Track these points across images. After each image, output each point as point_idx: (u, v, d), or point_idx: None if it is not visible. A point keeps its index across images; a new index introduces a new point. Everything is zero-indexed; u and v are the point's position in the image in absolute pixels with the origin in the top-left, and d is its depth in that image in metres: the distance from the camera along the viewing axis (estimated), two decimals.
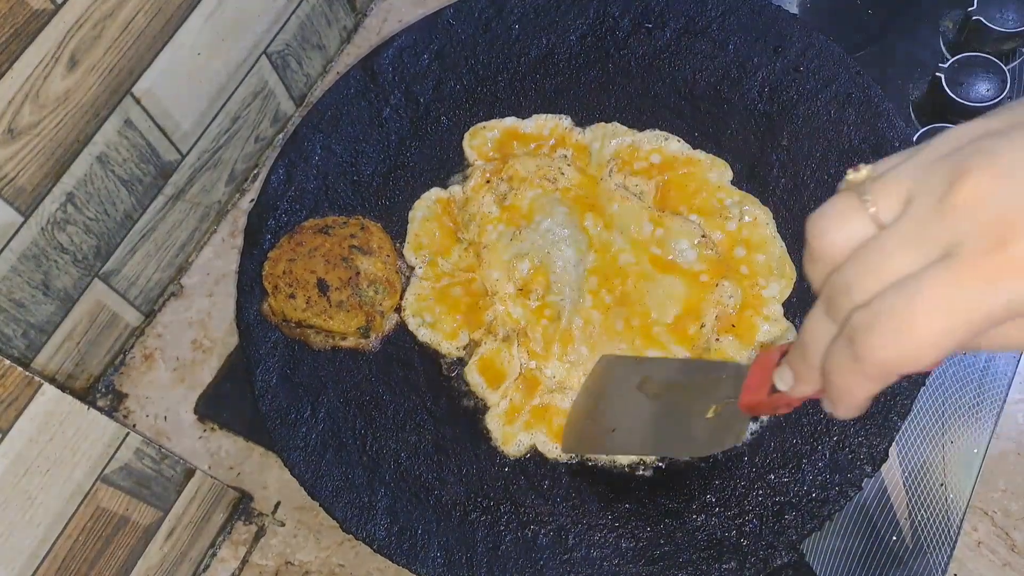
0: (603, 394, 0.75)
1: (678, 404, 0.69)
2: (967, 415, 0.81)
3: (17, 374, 0.60)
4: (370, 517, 0.76)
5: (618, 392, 0.74)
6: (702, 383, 0.67)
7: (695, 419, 0.64)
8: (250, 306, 0.86)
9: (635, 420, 0.71)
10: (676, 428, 0.68)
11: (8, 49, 0.70)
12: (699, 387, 0.67)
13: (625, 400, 0.73)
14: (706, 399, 0.63)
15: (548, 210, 0.86)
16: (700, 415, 0.63)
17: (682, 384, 0.70)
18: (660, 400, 0.70)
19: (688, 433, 0.66)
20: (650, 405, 0.70)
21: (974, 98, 0.91)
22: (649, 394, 0.71)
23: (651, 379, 0.71)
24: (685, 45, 0.93)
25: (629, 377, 0.73)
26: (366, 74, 0.96)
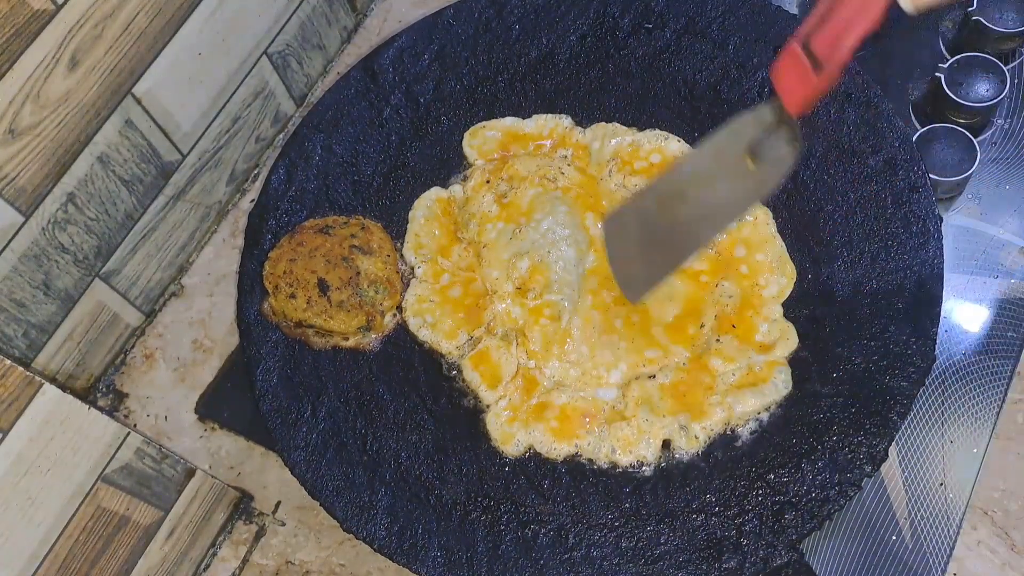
0: (627, 239, 0.76)
1: (704, 187, 0.70)
2: (967, 415, 0.81)
3: (18, 374, 0.60)
4: (370, 517, 0.76)
5: (640, 229, 0.74)
6: (718, 156, 0.68)
7: (736, 182, 0.66)
8: (250, 306, 0.86)
9: (670, 231, 0.72)
10: (716, 204, 0.69)
11: (9, 49, 0.70)
12: (717, 162, 0.68)
13: (652, 228, 0.74)
14: (732, 162, 0.65)
15: (549, 209, 0.86)
16: (740, 175, 0.65)
17: (698, 178, 0.70)
18: (686, 203, 0.71)
19: (732, 197, 0.68)
20: (677, 215, 0.71)
21: (974, 98, 0.91)
22: (672, 208, 0.71)
23: (667, 199, 0.72)
24: (685, 45, 0.93)
25: (640, 212, 0.74)
26: (366, 74, 0.96)
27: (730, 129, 0.68)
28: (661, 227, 0.73)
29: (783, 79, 0.60)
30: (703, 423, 0.77)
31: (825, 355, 0.78)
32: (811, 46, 0.58)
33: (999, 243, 0.88)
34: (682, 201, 0.71)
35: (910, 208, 0.82)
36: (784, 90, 0.60)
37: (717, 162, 0.68)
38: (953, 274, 0.86)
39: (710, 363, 0.79)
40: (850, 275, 0.81)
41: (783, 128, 0.62)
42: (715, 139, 0.70)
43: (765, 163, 0.64)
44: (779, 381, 0.78)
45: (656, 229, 0.74)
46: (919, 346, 0.76)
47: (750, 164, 0.64)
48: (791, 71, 0.59)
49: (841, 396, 0.76)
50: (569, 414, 0.79)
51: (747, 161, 0.64)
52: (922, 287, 0.79)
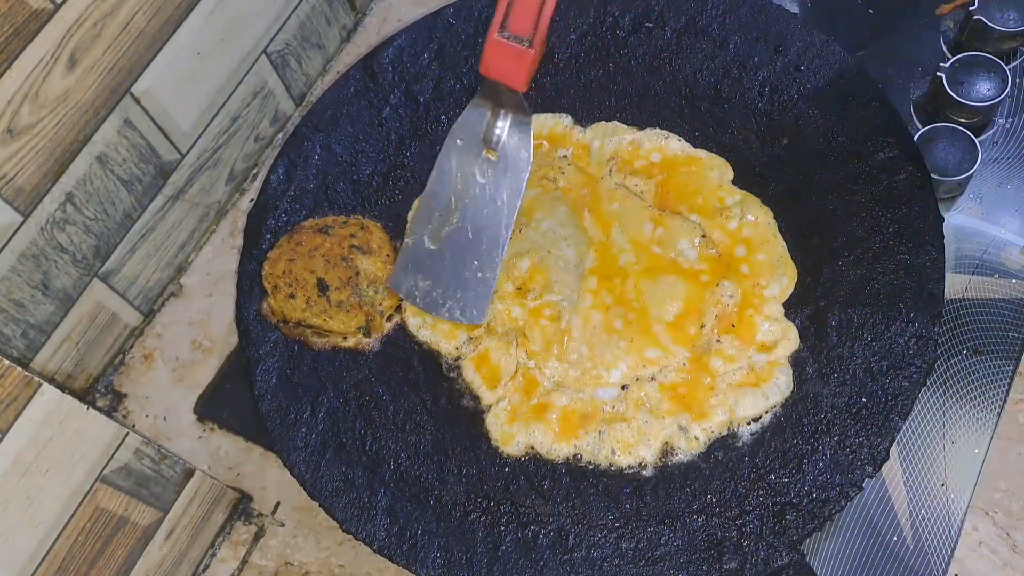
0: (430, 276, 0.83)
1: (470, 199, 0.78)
2: (968, 415, 0.81)
3: (16, 374, 0.60)
4: (370, 517, 0.76)
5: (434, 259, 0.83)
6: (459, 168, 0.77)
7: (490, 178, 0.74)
8: (250, 306, 0.86)
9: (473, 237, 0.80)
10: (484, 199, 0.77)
11: (8, 48, 0.70)
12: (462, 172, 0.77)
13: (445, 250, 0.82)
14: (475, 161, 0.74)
15: (549, 209, 0.86)
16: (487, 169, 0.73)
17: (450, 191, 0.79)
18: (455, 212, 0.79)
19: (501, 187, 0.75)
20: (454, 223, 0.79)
21: (975, 98, 0.91)
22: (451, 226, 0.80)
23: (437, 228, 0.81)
24: (685, 45, 0.93)
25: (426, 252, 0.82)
26: (366, 74, 0.95)
27: (452, 138, 0.77)
28: (453, 250, 0.79)
29: (498, 66, 0.67)
30: (703, 424, 0.77)
31: (826, 355, 0.78)
32: (511, 30, 0.66)
33: (1000, 243, 0.88)
34: (454, 223, 0.78)
35: (911, 208, 0.82)
36: (504, 74, 0.67)
37: (462, 173, 0.75)
38: (954, 274, 0.86)
39: (711, 363, 0.79)
40: (851, 275, 0.81)
41: (509, 108, 0.69)
42: (442, 156, 0.78)
43: (506, 143, 0.70)
44: (780, 381, 0.78)
45: (450, 255, 0.79)
46: (920, 346, 0.76)
47: (491, 155, 0.71)
48: (502, 58, 0.66)
49: (842, 396, 0.76)
50: (569, 415, 0.79)
51: (487, 155, 0.71)
52: (923, 287, 0.78)
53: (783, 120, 0.89)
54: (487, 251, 0.79)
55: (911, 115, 0.94)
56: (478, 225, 0.78)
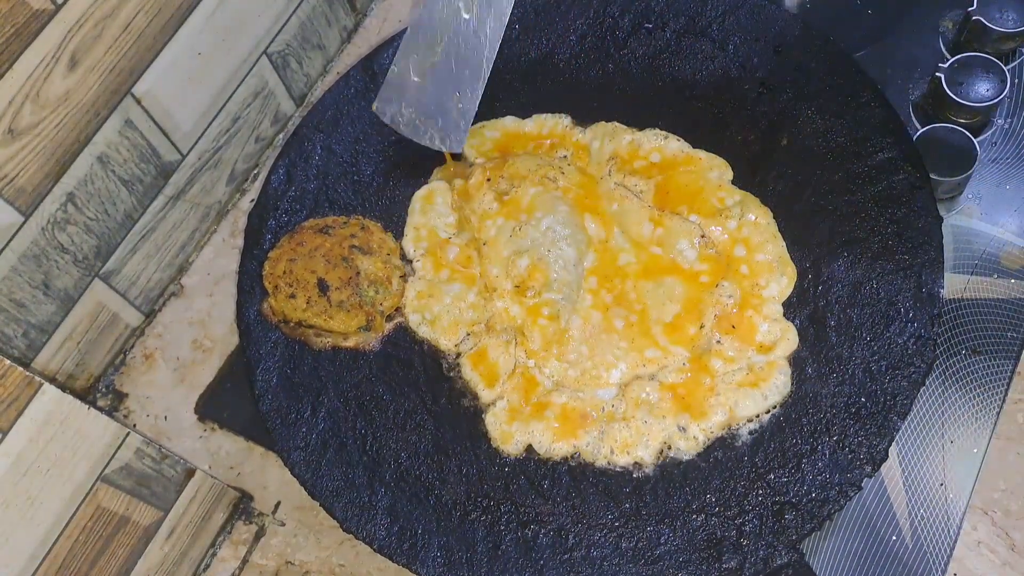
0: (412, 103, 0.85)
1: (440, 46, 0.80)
2: (967, 415, 0.81)
3: (17, 374, 0.60)
4: (370, 517, 0.76)
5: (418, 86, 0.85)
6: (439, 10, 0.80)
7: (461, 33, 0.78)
8: (250, 306, 0.86)
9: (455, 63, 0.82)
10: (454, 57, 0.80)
11: (9, 49, 0.70)
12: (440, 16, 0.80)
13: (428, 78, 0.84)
14: (453, 11, 0.77)
15: (549, 207, 0.86)
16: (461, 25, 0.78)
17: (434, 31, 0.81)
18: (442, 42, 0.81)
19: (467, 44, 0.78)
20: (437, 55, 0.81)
21: (974, 98, 0.91)
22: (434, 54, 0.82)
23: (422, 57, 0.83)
24: (685, 45, 0.93)
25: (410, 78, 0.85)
26: (366, 74, 0.96)
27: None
28: (436, 75, 0.81)
29: None
30: (703, 424, 0.77)
31: (825, 355, 0.78)
32: None
33: (999, 243, 0.88)
34: (437, 51, 0.80)
35: (910, 208, 0.82)
36: None
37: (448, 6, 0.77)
38: (953, 274, 0.86)
39: (710, 363, 0.79)
40: (850, 275, 0.81)
41: None
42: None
43: (480, 4, 0.73)
44: (779, 381, 0.78)
45: (433, 80, 0.81)
46: (919, 346, 0.76)
47: (466, 11, 0.74)
48: None
49: (841, 396, 0.76)
50: (568, 414, 0.79)
51: (462, 9, 0.74)
52: (922, 287, 0.79)
53: (783, 120, 0.89)
54: (468, 82, 0.81)
55: (910, 115, 0.95)
56: (461, 57, 0.80)
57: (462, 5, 0.78)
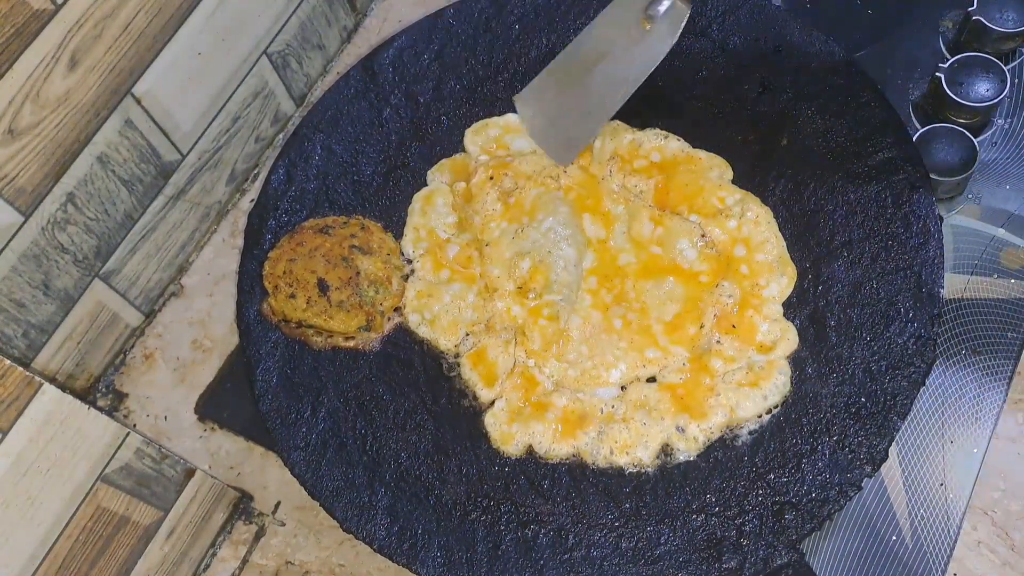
0: (544, 111, 0.86)
1: (607, 51, 0.79)
2: (967, 415, 0.81)
3: (17, 374, 0.60)
4: (370, 517, 0.76)
5: (555, 100, 0.85)
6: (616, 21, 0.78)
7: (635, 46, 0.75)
8: (250, 306, 0.86)
9: (583, 97, 0.82)
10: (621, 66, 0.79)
11: (9, 49, 0.70)
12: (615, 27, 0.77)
13: (567, 97, 0.84)
14: (628, 25, 0.74)
15: (551, 208, 0.86)
16: (637, 39, 0.74)
17: (601, 44, 0.80)
18: (594, 67, 0.80)
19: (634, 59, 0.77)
20: (589, 80, 0.81)
21: (974, 98, 0.91)
22: (581, 75, 0.81)
23: (574, 72, 0.82)
24: (685, 45, 0.93)
25: (551, 86, 0.85)
26: (366, 74, 0.96)
27: (616, 4, 0.77)
28: (575, 94, 0.82)
29: None
30: (703, 424, 0.77)
31: (825, 355, 0.78)
32: None
33: (999, 243, 0.88)
34: (591, 67, 0.79)
35: (910, 208, 0.82)
36: None
37: (616, 28, 0.76)
38: (953, 274, 0.86)
39: (710, 363, 0.79)
40: (850, 275, 0.81)
41: None
42: (608, 11, 0.79)
43: (660, 21, 0.72)
44: (779, 381, 0.78)
45: (571, 97, 0.83)
46: (919, 346, 0.76)
47: (645, 25, 0.73)
48: None
49: (841, 396, 0.76)
50: (568, 415, 0.79)
51: (643, 24, 0.73)
52: (922, 287, 0.79)
53: (783, 120, 0.89)
54: (598, 110, 0.83)
55: (910, 115, 0.95)
56: (601, 84, 0.82)
57: (624, 35, 0.79)
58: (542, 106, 0.88)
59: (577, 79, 0.82)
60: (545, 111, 0.87)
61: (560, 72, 0.85)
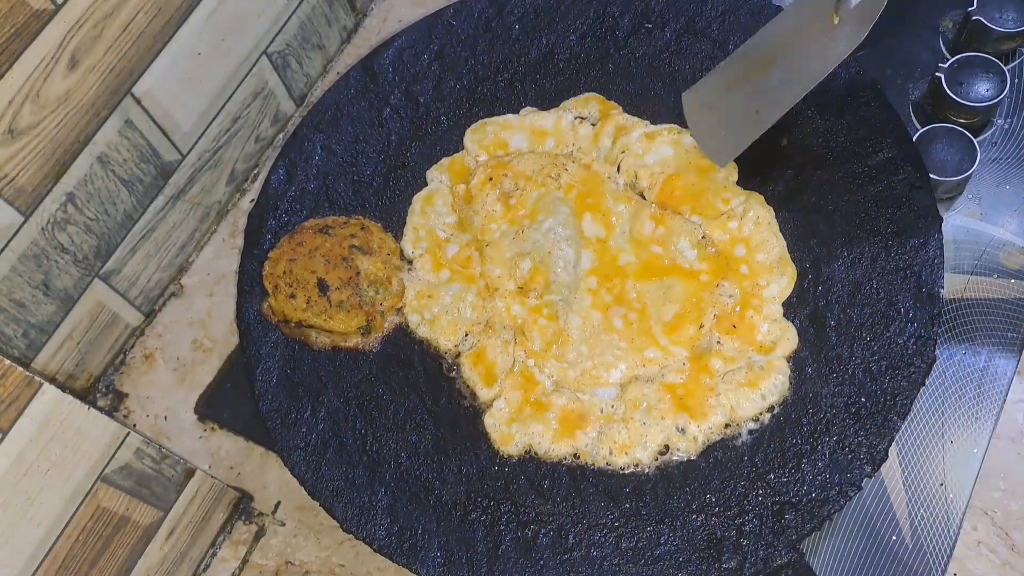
0: (711, 107, 0.79)
1: (791, 46, 0.72)
2: (967, 415, 0.81)
3: (17, 374, 0.60)
4: (370, 517, 0.76)
5: (724, 96, 0.78)
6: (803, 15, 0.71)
7: (824, 39, 0.68)
8: (250, 306, 0.86)
9: (766, 86, 0.75)
10: (804, 61, 0.71)
11: (9, 49, 0.70)
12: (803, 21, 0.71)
13: (738, 94, 0.77)
14: (820, 18, 0.67)
15: (551, 209, 0.86)
16: (826, 31, 0.67)
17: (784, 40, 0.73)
18: (772, 65, 0.74)
19: (821, 52, 0.70)
20: (765, 78, 0.74)
21: (974, 98, 0.91)
22: (757, 72, 0.75)
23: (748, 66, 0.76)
24: (685, 45, 0.93)
25: (723, 80, 0.79)
26: (366, 74, 0.96)
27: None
28: (747, 92, 0.76)
29: None
30: (702, 424, 0.77)
31: (825, 355, 0.78)
32: None
33: (999, 243, 0.88)
34: (770, 64, 0.74)
35: (910, 208, 0.82)
36: None
37: (804, 21, 0.71)
38: (953, 274, 0.86)
39: (710, 363, 0.79)
40: (850, 275, 0.81)
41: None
42: (795, 5, 0.73)
43: (852, 14, 0.66)
44: (779, 381, 0.78)
45: (742, 94, 0.77)
46: (919, 346, 0.76)
47: (834, 18, 0.67)
48: None
49: (841, 396, 0.76)
50: (568, 415, 0.79)
51: (832, 17, 0.67)
52: (922, 287, 0.79)
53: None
54: (769, 107, 0.78)
55: (910, 115, 0.95)
56: (778, 81, 0.77)
57: (812, 28, 0.73)
58: (710, 104, 0.82)
59: (752, 76, 0.77)
60: (713, 109, 0.82)
61: (735, 68, 0.80)
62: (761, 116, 0.77)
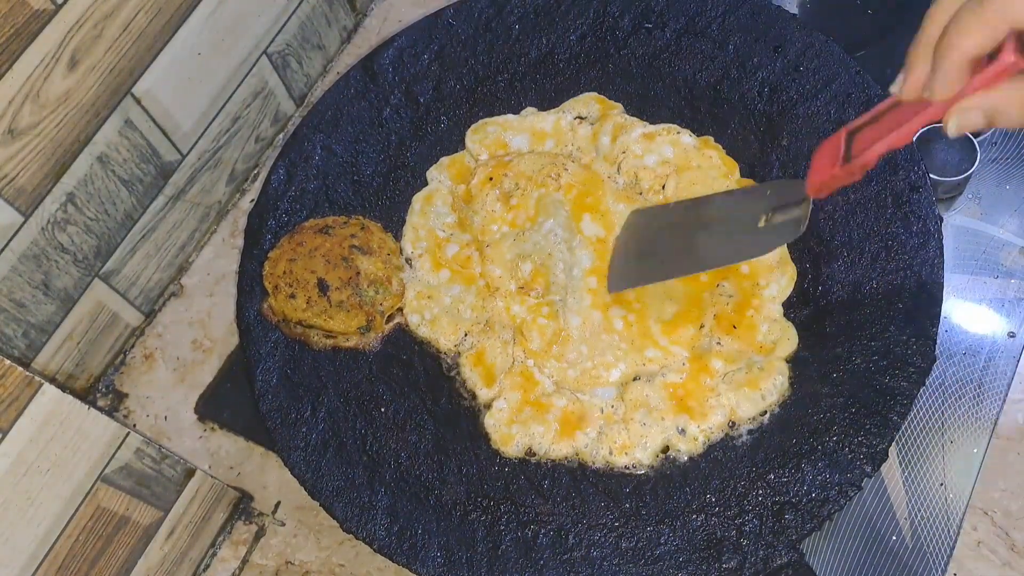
0: (639, 236, 0.80)
1: (722, 224, 0.74)
2: (967, 415, 0.81)
3: (17, 374, 0.60)
4: (370, 517, 0.76)
5: (654, 232, 0.80)
6: (743, 204, 0.74)
7: (744, 233, 0.71)
8: (250, 306, 0.86)
9: (679, 245, 0.76)
10: (726, 241, 0.74)
11: (8, 49, 0.70)
12: (740, 208, 0.73)
13: (664, 236, 0.79)
14: (752, 213, 0.70)
15: (552, 211, 0.86)
16: (748, 229, 0.70)
17: (721, 214, 0.75)
18: (702, 229, 0.75)
19: (740, 242, 0.72)
20: (692, 234, 0.76)
21: None
22: (689, 227, 0.76)
23: (686, 218, 0.77)
24: (685, 45, 0.93)
25: (662, 218, 0.80)
26: (366, 74, 0.96)
27: (764, 187, 0.75)
28: (674, 240, 0.77)
29: (817, 159, 0.63)
30: (703, 424, 0.77)
31: (825, 355, 0.78)
32: (853, 140, 0.61)
33: (999, 243, 0.88)
34: (702, 228, 0.76)
35: (910, 208, 0.82)
36: (813, 169, 0.63)
37: (742, 209, 0.73)
38: (953, 274, 0.86)
39: (710, 364, 0.79)
40: (850, 275, 0.81)
41: (800, 204, 0.66)
42: (752, 191, 0.78)
43: (775, 227, 0.69)
44: (779, 381, 0.78)
45: (669, 239, 0.78)
46: (919, 346, 0.76)
47: (763, 222, 0.69)
48: (826, 154, 0.62)
49: (841, 396, 0.76)
50: (568, 415, 0.79)
51: (762, 219, 0.69)
52: (922, 287, 0.79)
53: (783, 120, 0.89)
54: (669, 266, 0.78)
55: None
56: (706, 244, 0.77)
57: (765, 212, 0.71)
58: (640, 231, 0.81)
59: (686, 228, 0.77)
60: (639, 236, 0.81)
61: (679, 213, 0.79)
62: (670, 267, 0.78)
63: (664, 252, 0.78)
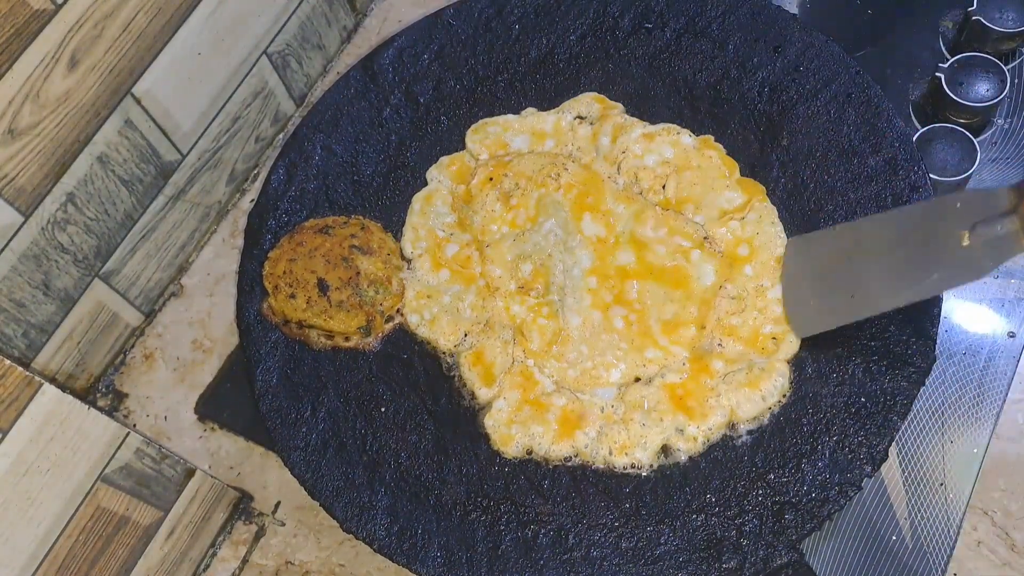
0: (811, 269, 0.74)
1: (908, 247, 0.67)
2: (967, 415, 0.81)
3: (17, 374, 0.60)
4: (370, 517, 0.76)
5: (827, 262, 0.73)
6: (935, 219, 0.65)
7: (944, 254, 0.63)
8: (250, 306, 0.86)
9: (873, 273, 0.69)
10: (923, 268, 0.66)
11: (9, 49, 0.70)
12: (933, 226, 0.65)
13: (844, 266, 0.71)
14: (950, 231, 0.62)
15: (552, 211, 0.86)
16: (950, 249, 0.62)
17: (902, 236, 0.68)
18: (887, 254, 0.68)
19: (946, 265, 0.64)
20: (878, 261, 0.68)
21: (973, 98, 0.91)
22: (870, 253, 0.69)
23: (860, 243, 0.70)
24: (685, 45, 0.93)
25: (830, 245, 0.73)
26: (366, 74, 0.96)
27: (950, 200, 0.66)
28: (862, 268, 0.71)
29: None
30: (702, 424, 0.77)
31: (825, 355, 0.78)
32: None
33: None
34: (886, 252, 0.69)
35: None
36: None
37: (932, 224, 0.66)
38: None
39: (711, 364, 0.79)
40: None
41: (1008, 216, 0.60)
42: (930, 205, 0.69)
43: (985, 243, 0.61)
44: (779, 382, 0.78)
45: (852, 269, 0.71)
46: (919, 346, 0.76)
47: (965, 239, 0.62)
48: None
49: (841, 396, 0.76)
50: (568, 415, 0.79)
51: (963, 236, 0.62)
52: None
53: (783, 120, 0.89)
54: (863, 302, 0.71)
55: (910, 115, 0.95)
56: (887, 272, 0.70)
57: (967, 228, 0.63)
58: (806, 264, 0.76)
59: (861, 257, 0.70)
60: (806, 270, 0.76)
61: (846, 240, 0.73)
62: (855, 304, 0.71)
63: (852, 284, 0.71)
